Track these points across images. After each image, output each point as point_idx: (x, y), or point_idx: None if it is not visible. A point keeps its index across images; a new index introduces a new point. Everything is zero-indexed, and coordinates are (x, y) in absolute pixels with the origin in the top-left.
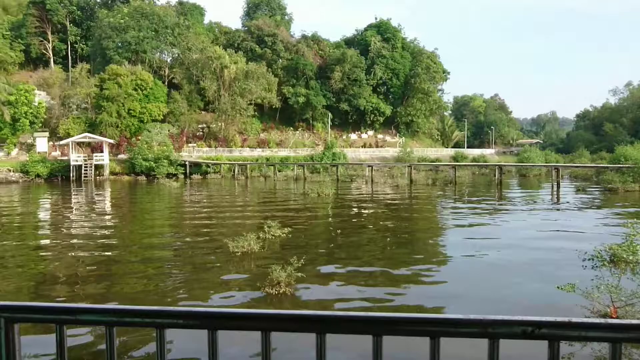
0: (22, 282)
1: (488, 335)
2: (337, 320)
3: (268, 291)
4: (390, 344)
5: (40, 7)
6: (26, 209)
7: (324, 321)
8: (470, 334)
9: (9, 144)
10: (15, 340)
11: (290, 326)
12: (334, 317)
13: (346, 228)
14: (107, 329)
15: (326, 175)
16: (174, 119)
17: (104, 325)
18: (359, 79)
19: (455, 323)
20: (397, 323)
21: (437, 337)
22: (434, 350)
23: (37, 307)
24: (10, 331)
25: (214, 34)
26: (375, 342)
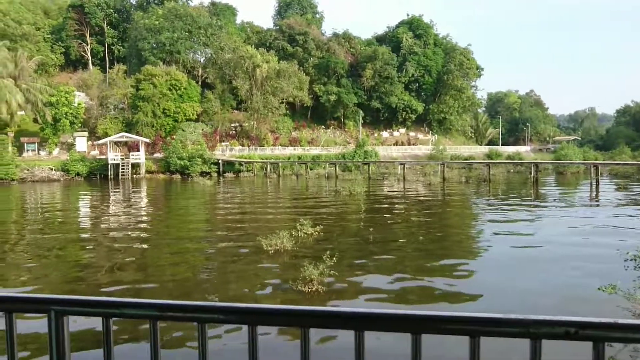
0: (64, 270)
1: (530, 335)
2: (375, 317)
3: (300, 289)
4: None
5: (79, 11)
6: (67, 205)
7: (362, 318)
8: (511, 333)
9: (50, 143)
10: (65, 332)
11: (329, 323)
12: (373, 315)
13: (378, 226)
14: (150, 323)
15: (358, 173)
16: (207, 118)
17: (147, 319)
18: (390, 77)
19: (496, 322)
20: (436, 321)
21: (477, 336)
22: (474, 350)
23: (86, 300)
24: (60, 323)
25: (246, 33)
26: (414, 340)
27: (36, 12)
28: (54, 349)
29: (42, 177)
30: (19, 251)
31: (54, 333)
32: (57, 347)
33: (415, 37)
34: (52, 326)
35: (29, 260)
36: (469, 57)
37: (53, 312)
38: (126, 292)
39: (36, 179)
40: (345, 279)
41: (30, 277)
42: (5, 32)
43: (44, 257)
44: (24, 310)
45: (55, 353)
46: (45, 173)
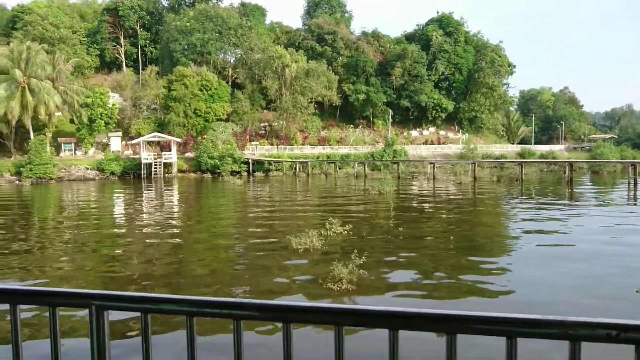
0: (99, 263)
1: (569, 337)
2: (410, 316)
3: (330, 287)
4: (408, 341)
5: (114, 14)
6: (102, 203)
7: (397, 317)
8: (550, 335)
9: (86, 143)
10: (105, 327)
11: (363, 321)
12: (408, 314)
13: (408, 225)
14: (187, 319)
15: (387, 172)
16: (237, 118)
17: (184, 315)
18: (420, 75)
19: (534, 323)
20: (472, 321)
21: (515, 337)
22: (511, 352)
23: (124, 296)
24: (100, 318)
25: (275, 33)
26: (449, 340)
27: (73, 16)
28: (94, 342)
29: (78, 176)
30: (58, 245)
31: (95, 327)
32: (97, 341)
33: (445, 34)
34: (92, 320)
35: (66, 253)
36: (500, 54)
37: (94, 306)
38: (158, 286)
39: (73, 178)
40: (374, 278)
41: (67, 269)
42: (44, 35)
43: (80, 251)
44: (66, 304)
45: (96, 346)
46: (81, 172)
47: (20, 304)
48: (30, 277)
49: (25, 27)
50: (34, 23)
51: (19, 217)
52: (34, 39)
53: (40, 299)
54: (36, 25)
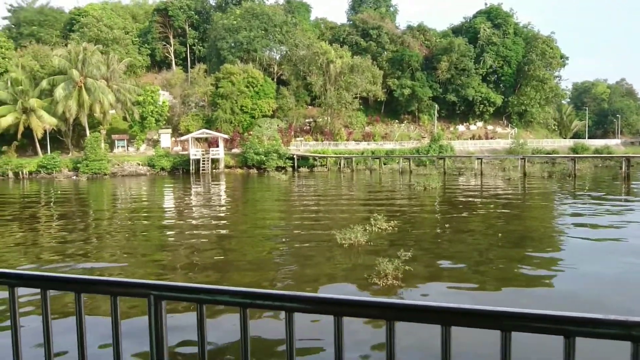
0: (151, 250)
1: (631, 338)
2: (463, 313)
3: (375, 282)
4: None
5: (164, 14)
6: (153, 197)
7: (449, 313)
8: (611, 335)
9: (138, 140)
10: (163, 316)
11: (416, 317)
12: (461, 310)
13: (454, 221)
14: (241, 310)
15: (432, 168)
16: (282, 114)
17: (238, 306)
18: (467, 69)
19: (595, 323)
20: (529, 319)
21: (573, 336)
22: (569, 351)
23: (181, 287)
24: (158, 307)
25: (319, 29)
26: (504, 338)
27: (125, 17)
28: (153, 331)
29: (130, 171)
30: (113, 234)
31: (153, 316)
32: (155, 330)
33: (493, 26)
34: (151, 310)
35: (121, 242)
36: (552, 45)
37: (152, 296)
38: (206, 274)
39: (125, 173)
40: (420, 274)
41: (121, 256)
42: (99, 37)
43: (133, 240)
44: (126, 294)
45: (154, 335)
46: (133, 168)
47: (83, 292)
48: (89, 263)
49: (81, 29)
50: (90, 25)
51: (77, 209)
52: (90, 40)
53: (102, 288)
54: (92, 27)
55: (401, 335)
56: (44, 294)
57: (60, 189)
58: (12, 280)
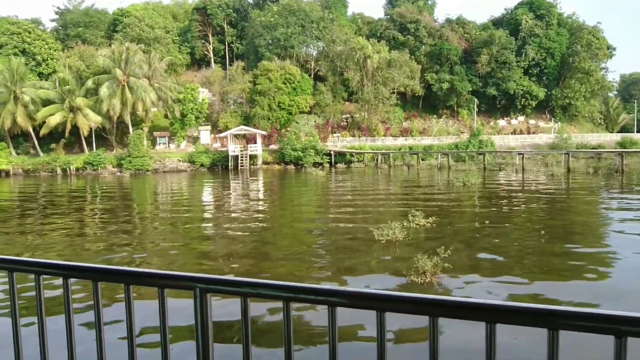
0: (191, 241)
1: None
2: (509, 310)
3: (414, 280)
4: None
5: (203, 13)
6: (193, 192)
7: (494, 310)
8: None
9: (178, 137)
10: (208, 308)
11: (460, 314)
12: (506, 308)
13: (494, 218)
14: (284, 304)
15: (472, 163)
16: (319, 110)
17: (281, 300)
18: (508, 61)
19: None
20: (577, 318)
21: (624, 336)
22: (620, 351)
23: (226, 280)
24: (204, 300)
25: (356, 25)
26: (551, 337)
27: (166, 17)
28: (198, 323)
29: (171, 167)
30: (156, 226)
31: (199, 309)
32: (201, 322)
33: (536, 17)
34: (197, 302)
35: (163, 233)
36: (598, 36)
37: (198, 289)
38: (245, 264)
39: (166, 169)
40: (460, 271)
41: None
42: (140, 36)
43: (175, 232)
44: (173, 286)
45: (200, 327)
46: (174, 164)
47: (132, 284)
48: (134, 253)
49: (124, 30)
50: (132, 25)
51: (122, 204)
52: (132, 40)
53: (149, 280)
54: (134, 27)
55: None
56: (95, 286)
57: (105, 184)
58: (65, 271)
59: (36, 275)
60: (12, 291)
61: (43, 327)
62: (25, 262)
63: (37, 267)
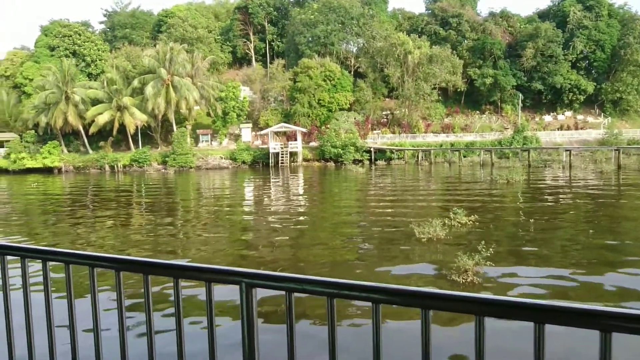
0: (232, 233)
1: None
2: (559, 310)
3: (455, 279)
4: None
5: (244, 12)
6: (235, 188)
7: (543, 310)
8: None
9: (220, 134)
10: (253, 303)
11: (507, 313)
12: (556, 308)
13: (539, 217)
14: (328, 300)
15: (516, 160)
16: (359, 107)
17: (325, 295)
18: (554, 55)
19: None
20: (632, 320)
21: None
22: None
23: (271, 275)
24: (249, 294)
25: (397, 20)
26: (604, 339)
27: (208, 17)
28: (244, 318)
29: (214, 165)
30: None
31: (245, 303)
32: (247, 316)
33: (585, 9)
34: (242, 297)
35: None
36: None
37: (244, 284)
38: (285, 254)
39: (209, 166)
40: (502, 271)
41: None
42: (184, 36)
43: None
44: (220, 281)
45: (246, 321)
46: (216, 161)
47: (180, 278)
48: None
49: (168, 30)
50: (176, 25)
51: (167, 198)
52: (176, 39)
53: (196, 274)
54: (177, 27)
55: None
56: (146, 279)
57: (151, 181)
58: (118, 264)
59: (90, 267)
60: (68, 282)
61: (97, 321)
62: (80, 255)
63: (91, 260)
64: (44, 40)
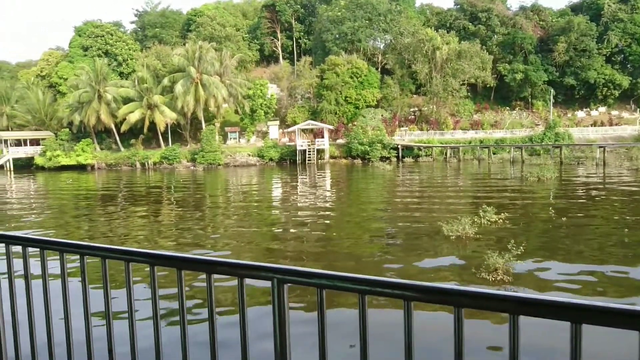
0: (261, 226)
1: None
2: (597, 310)
3: (484, 277)
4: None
5: (271, 10)
6: (263, 185)
7: (581, 310)
8: None
9: (248, 132)
10: (285, 299)
11: (542, 312)
12: (594, 308)
13: (572, 215)
14: (359, 297)
15: (547, 157)
16: (386, 104)
17: (357, 292)
18: (588, 49)
19: None
20: None
21: None
22: None
23: (303, 271)
24: (281, 290)
25: (425, 16)
26: None
27: (236, 15)
28: (276, 313)
29: (241, 162)
30: (228, 216)
31: (276, 299)
32: (278, 311)
33: (620, 1)
34: (274, 292)
35: (235, 222)
36: None
37: (275, 280)
38: (313, 247)
39: (237, 163)
40: (533, 270)
41: (233, 234)
42: (212, 35)
43: (246, 221)
44: (252, 276)
45: (278, 317)
46: (244, 159)
47: (213, 273)
48: (206, 238)
49: (197, 29)
50: (205, 24)
51: (197, 194)
52: (205, 38)
53: (229, 269)
54: (206, 26)
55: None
56: (179, 274)
57: (181, 177)
58: (152, 259)
59: (126, 262)
60: (104, 276)
61: (132, 313)
62: (116, 251)
63: (127, 255)
64: (77, 40)
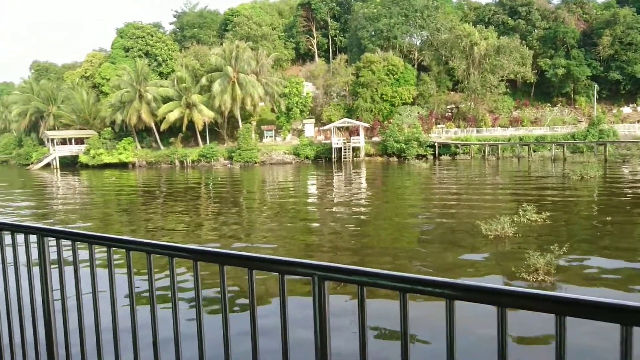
0: (296, 222)
1: None
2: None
3: (524, 277)
4: None
5: (307, 8)
6: (299, 182)
7: (630, 312)
8: None
9: (284, 130)
10: (326, 295)
11: (592, 313)
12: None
13: (617, 214)
14: (401, 295)
15: (591, 155)
16: (423, 101)
17: (398, 290)
18: (635, 42)
19: None
20: None
21: None
22: None
23: (344, 268)
24: (322, 287)
25: (462, 11)
26: None
27: (272, 14)
28: (317, 310)
29: (277, 160)
30: (264, 212)
31: (317, 295)
32: (319, 308)
33: None
34: (315, 289)
35: (272, 218)
36: None
37: (316, 276)
38: (348, 254)
39: (273, 161)
40: (576, 270)
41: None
42: (249, 34)
43: (283, 217)
44: (293, 273)
45: (318, 314)
46: (280, 157)
47: (255, 269)
48: (242, 233)
49: (234, 28)
50: (241, 24)
51: (234, 191)
52: (241, 37)
53: (270, 266)
54: (243, 25)
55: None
56: (222, 270)
57: (219, 175)
58: (195, 255)
59: (170, 257)
60: (149, 271)
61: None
62: (160, 246)
63: (170, 250)
64: (119, 42)
